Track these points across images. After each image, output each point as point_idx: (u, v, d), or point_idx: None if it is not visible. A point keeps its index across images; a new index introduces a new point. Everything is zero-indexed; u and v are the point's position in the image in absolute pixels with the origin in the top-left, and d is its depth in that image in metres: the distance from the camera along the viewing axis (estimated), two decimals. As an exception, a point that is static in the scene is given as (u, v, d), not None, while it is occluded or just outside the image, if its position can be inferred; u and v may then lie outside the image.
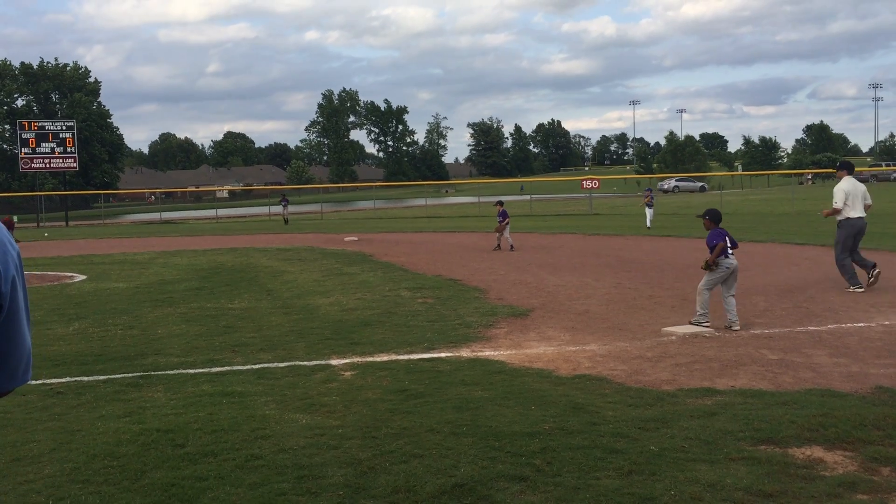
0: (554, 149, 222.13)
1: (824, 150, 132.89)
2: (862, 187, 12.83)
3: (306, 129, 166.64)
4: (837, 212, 12.72)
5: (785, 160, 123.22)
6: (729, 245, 9.72)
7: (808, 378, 7.20)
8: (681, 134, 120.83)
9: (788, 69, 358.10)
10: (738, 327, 9.67)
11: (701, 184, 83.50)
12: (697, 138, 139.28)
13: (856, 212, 12.58)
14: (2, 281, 1.91)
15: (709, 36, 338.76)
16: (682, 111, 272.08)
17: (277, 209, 49.79)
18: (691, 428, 5.68)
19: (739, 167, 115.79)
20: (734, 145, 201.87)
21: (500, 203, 22.81)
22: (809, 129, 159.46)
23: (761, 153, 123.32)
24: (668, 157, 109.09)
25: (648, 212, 30.10)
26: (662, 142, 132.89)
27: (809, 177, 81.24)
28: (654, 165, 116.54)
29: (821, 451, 5.21)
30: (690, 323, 9.80)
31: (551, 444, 5.38)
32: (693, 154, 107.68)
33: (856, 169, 13.49)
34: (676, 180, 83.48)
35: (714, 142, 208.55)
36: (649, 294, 12.71)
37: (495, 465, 5.03)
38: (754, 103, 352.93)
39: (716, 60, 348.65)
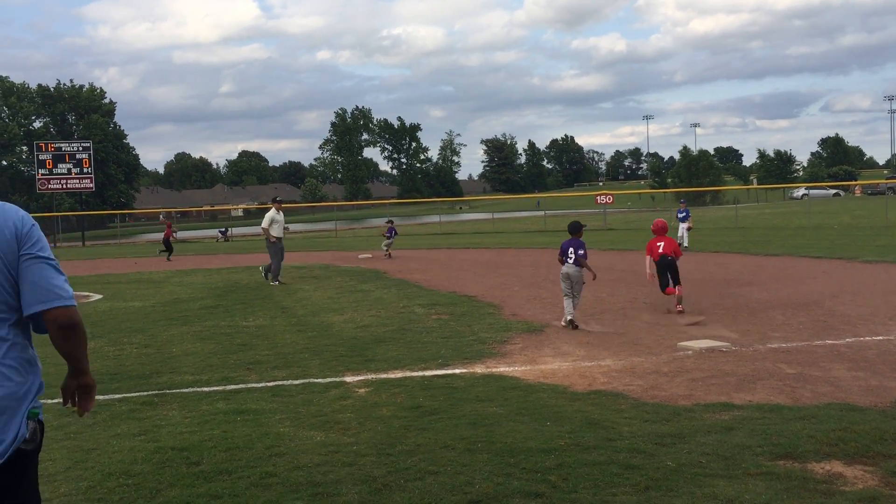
0: (568, 164, 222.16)
1: (840, 162, 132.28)
2: None
3: (320, 148, 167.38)
4: None
5: (801, 173, 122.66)
6: (570, 257, 11.42)
7: (826, 392, 7.13)
8: (695, 148, 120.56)
9: (800, 83, 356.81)
10: (563, 322, 11.21)
11: (834, 191, 79.18)
12: (712, 152, 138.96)
13: None
14: None
15: (719, 51, 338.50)
16: (695, 125, 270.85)
17: (293, 227, 49.99)
18: (709, 443, 5.63)
19: (755, 181, 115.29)
20: (749, 159, 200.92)
21: (391, 221, 28.02)
22: (825, 142, 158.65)
23: (776, 167, 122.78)
24: (683, 171, 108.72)
25: (682, 226, 27.34)
26: (676, 156, 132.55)
27: (804, 191, 79.64)
28: (669, 180, 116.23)
29: (840, 465, 5.14)
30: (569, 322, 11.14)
31: (567, 460, 5.34)
32: (707, 168, 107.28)
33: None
34: (806, 188, 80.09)
35: (729, 155, 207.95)
36: (665, 309, 12.63)
37: (511, 481, 4.99)
38: (767, 117, 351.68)
39: (726, 75, 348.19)
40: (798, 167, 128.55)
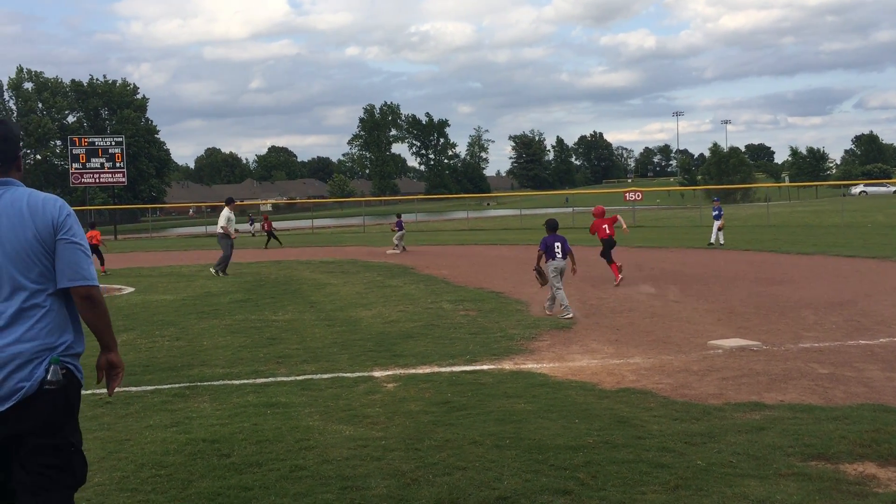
0: (596, 161, 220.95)
1: (875, 160, 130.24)
2: None
3: (348, 143, 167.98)
4: None
5: (834, 171, 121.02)
6: (558, 250, 12.27)
7: (859, 393, 7.04)
8: (725, 145, 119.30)
9: (833, 79, 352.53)
10: (570, 314, 11.67)
11: (895, 188, 78.09)
12: (743, 149, 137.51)
13: None
14: None
15: (750, 47, 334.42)
16: (726, 122, 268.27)
17: (321, 222, 50.16)
18: (739, 443, 5.58)
19: (786, 178, 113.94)
20: (781, 156, 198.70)
21: (399, 215, 29.72)
22: (858, 140, 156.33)
23: (809, 164, 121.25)
24: (713, 168, 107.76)
25: (715, 224, 27.42)
26: (706, 153, 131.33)
27: (862, 188, 78.25)
28: (699, 177, 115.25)
29: (874, 467, 5.08)
30: (551, 314, 11.86)
31: (595, 457, 5.32)
32: (738, 165, 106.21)
33: None
34: (864, 185, 79.13)
35: (760, 153, 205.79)
36: (694, 307, 12.55)
37: (539, 478, 4.99)
38: (799, 114, 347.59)
39: (758, 71, 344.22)
40: (831, 165, 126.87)
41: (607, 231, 16.23)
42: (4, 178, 3.31)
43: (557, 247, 12.28)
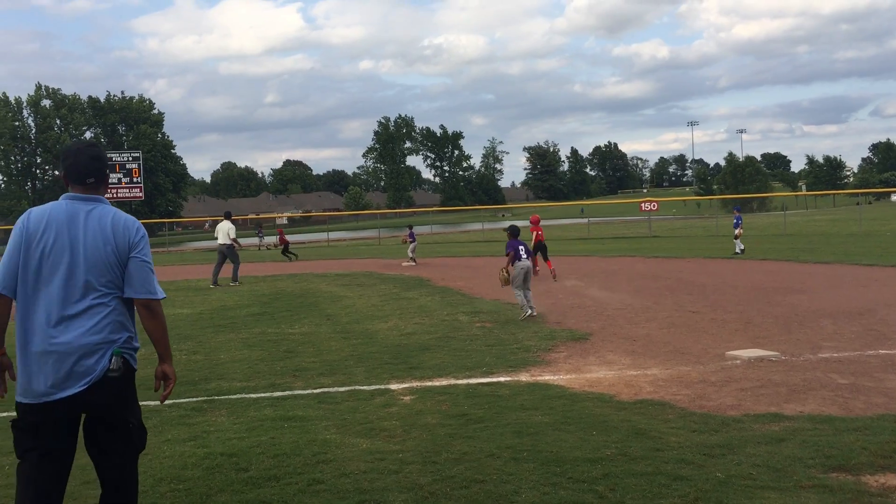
0: (611, 171, 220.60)
1: (892, 168, 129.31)
2: None
3: (363, 156, 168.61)
4: None
5: (851, 179, 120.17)
6: (523, 252, 13.39)
7: (880, 403, 6.97)
8: (741, 154, 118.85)
9: (849, 87, 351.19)
10: (535, 313, 12.86)
11: None
12: (759, 158, 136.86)
13: None
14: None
15: (764, 56, 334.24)
16: (741, 131, 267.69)
17: (337, 235, 50.28)
18: (759, 454, 5.54)
19: (803, 187, 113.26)
20: (797, 165, 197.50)
21: (410, 226, 30.76)
22: (875, 148, 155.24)
23: (826, 173, 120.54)
24: (729, 177, 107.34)
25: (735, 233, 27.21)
26: (722, 163, 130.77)
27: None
28: (714, 187, 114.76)
29: (896, 479, 5.02)
30: (520, 319, 12.64)
31: (614, 470, 5.30)
32: (754, 175, 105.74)
33: None
34: None
35: (776, 162, 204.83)
36: (711, 317, 12.48)
37: (557, 491, 4.97)
38: (815, 122, 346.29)
39: (772, 80, 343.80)
40: (848, 173, 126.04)
41: (540, 236, 21.12)
42: (96, 196, 3.90)
43: (522, 250, 13.46)
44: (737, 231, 27.30)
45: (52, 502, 3.74)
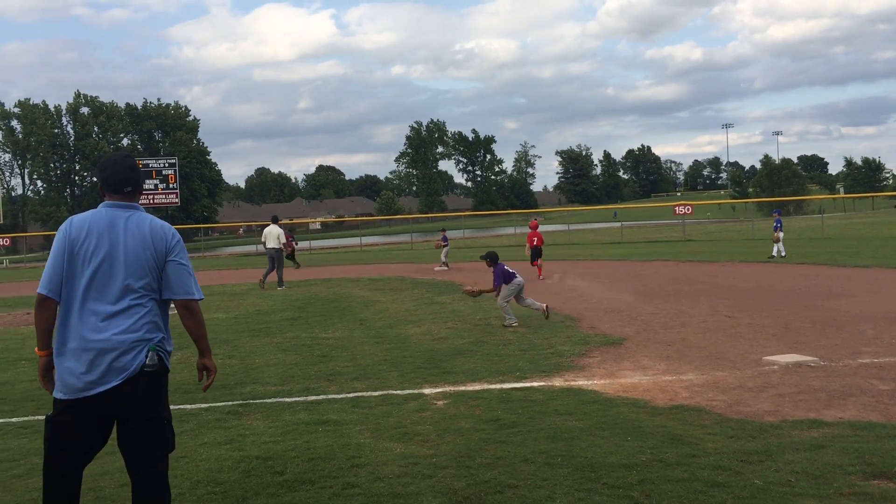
0: (644, 175, 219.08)
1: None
2: None
3: (395, 161, 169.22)
4: None
5: (891, 181, 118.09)
6: (512, 271, 13.21)
7: (923, 410, 6.83)
8: (777, 157, 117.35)
9: (887, 88, 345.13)
10: (515, 323, 12.67)
11: None
12: (795, 161, 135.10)
13: None
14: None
15: (799, 57, 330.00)
16: (777, 133, 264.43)
17: (369, 240, 50.48)
18: (797, 461, 5.45)
19: (841, 190, 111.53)
20: (835, 167, 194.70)
21: (444, 230, 31.47)
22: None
23: (864, 175, 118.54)
24: (765, 180, 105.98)
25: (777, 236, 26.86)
26: (758, 165, 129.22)
27: None
28: (750, 190, 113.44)
29: (940, 487, 4.91)
30: (504, 325, 12.65)
31: (649, 475, 5.25)
32: (790, 177, 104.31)
33: None
34: None
35: (813, 164, 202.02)
36: (748, 322, 12.32)
37: (592, 496, 4.93)
38: (852, 124, 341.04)
39: (808, 81, 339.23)
40: (888, 175, 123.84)
41: (535, 242, 22.58)
42: (133, 203, 4.11)
43: (510, 269, 13.20)
44: (777, 234, 26.95)
45: (70, 484, 3.95)
